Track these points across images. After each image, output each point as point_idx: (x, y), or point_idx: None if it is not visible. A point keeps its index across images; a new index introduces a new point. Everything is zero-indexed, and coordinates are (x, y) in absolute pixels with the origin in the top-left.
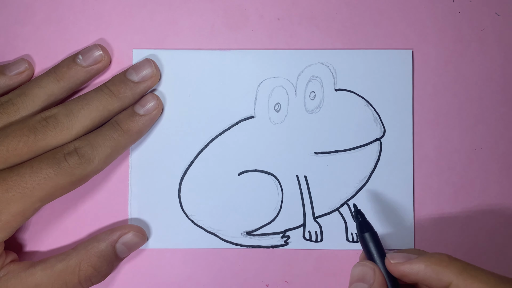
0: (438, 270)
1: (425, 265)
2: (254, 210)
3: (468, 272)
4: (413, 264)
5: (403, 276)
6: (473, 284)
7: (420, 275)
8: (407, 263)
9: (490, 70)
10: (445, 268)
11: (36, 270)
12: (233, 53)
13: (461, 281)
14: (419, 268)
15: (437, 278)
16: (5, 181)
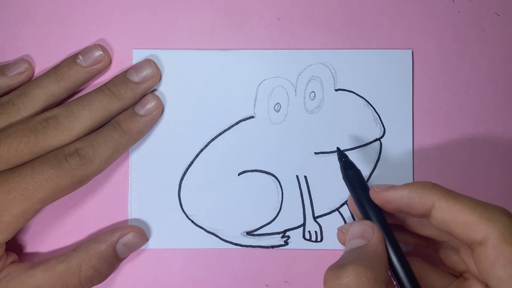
0: (422, 193)
1: (409, 190)
2: (254, 210)
3: (451, 195)
4: (397, 190)
5: (387, 202)
6: (454, 205)
7: (404, 200)
8: (391, 189)
9: (490, 70)
10: (428, 192)
11: (37, 271)
12: (233, 53)
13: (443, 202)
14: (403, 193)
15: (420, 202)
16: (6, 182)
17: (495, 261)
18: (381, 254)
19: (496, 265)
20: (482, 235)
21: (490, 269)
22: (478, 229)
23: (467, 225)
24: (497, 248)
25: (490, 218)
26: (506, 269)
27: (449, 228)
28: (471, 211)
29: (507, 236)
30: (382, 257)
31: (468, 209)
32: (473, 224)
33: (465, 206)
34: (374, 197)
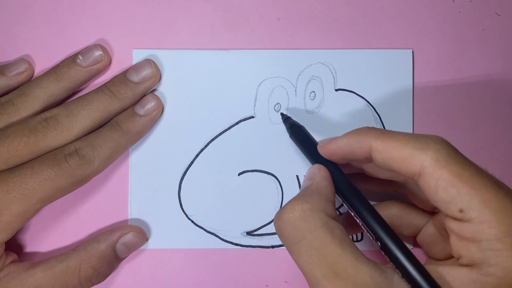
0: (359, 139)
1: (347, 138)
2: (254, 210)
3: (385, 135)
4: (338, 140)
5: (333, 154)
6: (389, 144)
7: (345, 149)
8: (333, 141)
9: (490, 70)
10: (365, 136)
11: (36, 271)
12: (233, 53)
13: (379, 143)
14: (343, 142)
15: (359, 147)
16: (5, 182)
17: (436, 187)
18: (322, 188)
19: (438, 191)
20: (418, 166)
21: (435, 196)
22: (413, 161)
23: (403, 160)
24: (433, 174)
25: (421, 148)
26: (447, 192)
27: (391, 167)
28: (404, 145)
29: (441, 160)
30: (323, 191)
31: (401, 144)
32: (408, 157)
33: (399, 142)
34: (321, 151)
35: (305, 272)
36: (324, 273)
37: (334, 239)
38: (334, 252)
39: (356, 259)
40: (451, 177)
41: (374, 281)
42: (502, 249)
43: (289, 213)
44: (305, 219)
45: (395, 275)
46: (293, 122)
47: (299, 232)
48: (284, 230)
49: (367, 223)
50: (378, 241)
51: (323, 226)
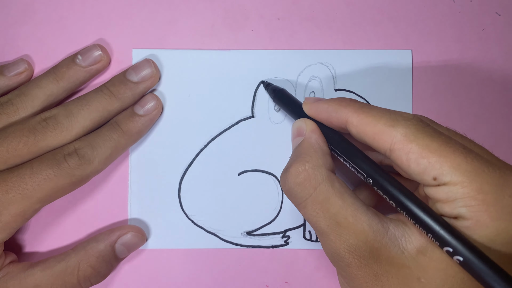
0: (338, 109)
1: (327, 105)
2: (254, 210)
3: (362, 109)
4: (320, 104)
5: (315, 116)
6: (363, 119)
7: (324, 113)
8: (316, 101)
9: (490, 70)
10: (343, 107)
11: (35, 270)
12: (233, 53)
13: (354, 117)
14: (323, 107)
15: (336, 116)
16: (5, 182)
17: (407, 161)
18: (315, 143)
19: (410, 164)
20: (389, 142)
21: (408, 169)
22: (385, 137)
23: (376, 136)
24: (404, 149)
25: (392, 124)
26: (418, 163)
27: (364, 141)
28: (377, 122)
29: (410, 135)
30: (316, 146)
31: (374, 120)
32: (380, 133)
33: (372, 118)
34: (305, 109)
35: (312, 224)
36: (328, 223)
37: (335, 192)
38: (335, 203)
39: (355, 209)
40: (420, 150)
41: (372, 229)
42: (475, 205)
43: (294, 177)
44: (309, 178)
45: (390, 224)
46: (275, 87)
47: (304, 190)
48: (292, 191)
49: (357, 163)
50: (370, 178)
51: (324, 181)
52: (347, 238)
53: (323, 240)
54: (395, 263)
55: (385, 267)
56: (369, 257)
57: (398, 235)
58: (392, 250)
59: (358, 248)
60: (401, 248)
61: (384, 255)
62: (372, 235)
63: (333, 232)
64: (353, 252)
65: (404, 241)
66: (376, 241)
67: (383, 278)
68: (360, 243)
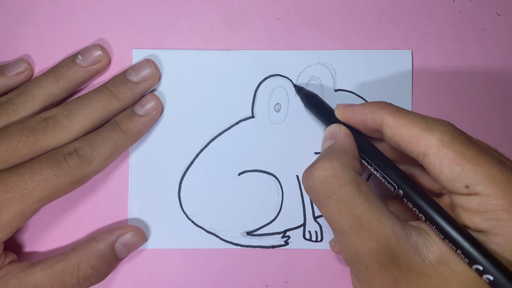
0: (374, 111)
1: (363, 107)
2: (254, 210)
3: (399, 112)
4: (354, 107)
5: (348, 120)
6: (400, 121)
7: (358, 117)
8: (349, 107)
9: (490, 70)
10: (380, 109)
11: (35, 270)
12: (233, 53)
13: (391, 119)
14: (358, 110)
15: (372, 118)
16: (4, 181)
17: (441, 166)
18: (347, 146)
19: (443, 170)
20: (424, 146)
21: (440, 176)
22: (420, 140)
23: (410, 139)
24: (438, 154)
25: (429, 129)
26: (452, 170)
27: (398, 144)
28: (413, 125)
29: (446, 141)
30: (348, 148)
31: (411, 123)
32: (415, 137)
33: (409, 121)
34: (337, 114)
35: (333, 223)
36: (351, 224)
37: (361, 194)
38: (361, 205)
39: (380, 213)
40: (455, 156)
41: (395, 234)
42: (508, 219)
43: (320, 171)
44: (335, 175)
45: (413, 231)
46: (307, 92)
47: (329, 188)
48: (314, 186)
49: (388, 174)
50: (400, 190)
51: (351, 182)
52: (369, 241)
53: (343, 240)
54: (415, 271)
55: (405, 273)
56: (389, 262)
57: (420, 243)
58: (413, 257)
59: (379, 252)
60: (422, 256)
61: (405, 262)
62: (394, 240)
63: (355, 234)
64: (374, 256)
65: (426, 250)
66: (398, 246)
67: (401, 284)
68: (382, 247)
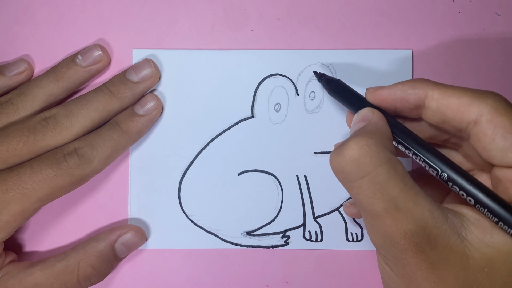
0: (415, 86)
1: (402, 84)
2: (254, 210)
3: (442, 85)
4: (391, 86)
5: (382, 101)
6: (446, 92)
7: (398, 94)
8: (385, 87)
9: (490, 70)
10: (421, 84)
11: (35, 270)
12: (233, 53)
13: (435, 91)
14: (397, 87)
15: (413, 92)
16: (4, 181)
17: (493, 134)
18: (381, 127)
19: (496, 138)
20: (476, 113)
21: (491, 144)
22: (471, 108)
23: (460, 107)
24: (492, 121)
25: (481, 97)
26: (506, 139)
27: (444, 115)
28: (462, 94)
29: (500, 108)
30: (382, 129)
31: (459, 93)
32: (465, 105)
33: (457, 91)
34: (370, 97)
35: (365, 206)
36: (386, 206)
37: (397, 175)
38: (397, 186)
39: (416, 194)
40: (510, 124)
41: (432, 215)
42: None
43: (353, 149)
44: (370, 155)
45: (449, 212)
46: (329, 78)
47: (363, 167)
48: (346, 165)
49: (429, 158)
50: (444, 173)
51: (387, 162)
52: (405, 223)
53: (375, 223)
54: (454, 252)
55: (443, 255)
56: (426, 244)
57: (458, 224)
58: (452, 238)
59: (416, 234)
60: (461, 237)
61: (443, 243)
62: (432, 221)
63: (390, 216)
64: (410, 238)
65: (464, 231)
66: (436, 227)
67: (439, 266)
68: (419, 229)
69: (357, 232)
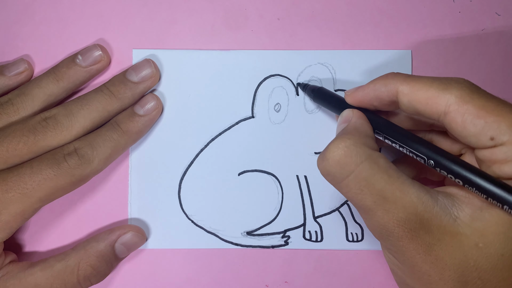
0: (386, 83)
1: (374, 83)
2: (254, 210)
3: (411, 78)
4: (364, 87)
5: (360, 102)
6: (414, 86)
7: (372, 93)
8: (359, 88)
9: (490, 70)
10: (391, 79)
11: (35, 270)
12: (233, 53)
13: (405, 85)
14: (369, 87)
15: (386, 90)
16: (5, 181)
17: (463, 122)
18: (359, 126)
19: (466, 125)
20: (443, 105)
21: (463, 132)
22: (438, 100)
23: (428, 101)
24: (459, 110)
25: (445, 88)
26: (475, 124)
27: (416, 109)
28: (429, 87)
29: (465, 96)
30: (361, 128)
31: (426, 86)
32: (433, 98)
33: (423, 84)
34: (349, 100)
35: (356, 202)
36: (374, 200)
37: (379, 168)
38: (381, 179)
39: (402, 183)
40: (476, 110)
41: (421, 200)
42: None
43: (333, 152)
44: (350, 154)
45: (439, 195)
46: (312, 87)
47: (345, 167)
48: (330, 168)
49: (415, 148)
50: (430, 160)
51: (367, 158)
52: (395, 212)
53: (369, 217)
54: (448, 232)
55: (438, 236)
56: (420, 229)
57: (448, 204)
58: (444, 219)
59: (408, 221)
60: (453, 216)
61: (435, 225)
62: (421, 206)
63: (380, 208)
64: (403, 225)
65: (455, 210)
66: (426, 211)
67: (436, 247)
68: (410, 216)
69: (357, 232)
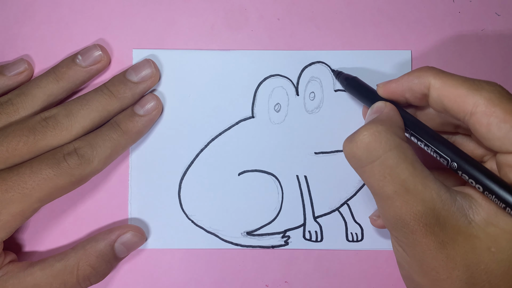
0: (419, 75)
1: (408, 75)
2: (254, 210)
3: (444, 74)
4: (398, 79)
5: (393, 93)
6: (446, 82)
7: (405, 85)
8: (392, 80)
9: (490, 70)
10: (425, 72)
11: (35, 270)
12: (233, 53)
13: (437, 80)
14: (403, 79)
15: (419, 82)
16: (4, 181)
17: (488, 125)
18: (393, 116)
19: (491, 128)
20: (471, 105)
21: (488, 134)
22: (467, 99)
23: (457, 98)
24: (486, 112)
25: (476, 88)
26: (500, 128)
27: (444, 105)
28: (460, 85)
29: (494, 99)
30: (394, 118)
31: (458, 84)
32: (462, 96)
33: (456, 81)
34: (381, 91)
35: (376, 189)
36: (396, 189)
37: (406, 159)
38: (406, 170)
39: (425, 177)
40: (504, 114)
41: (440, 198)
42: None
43: (363, 135)
44: (380, 140)
45: (457, 195)
46: (346, 75)
47: (373, 152)
48: (357, 151)
49: (440, 148)
50: (453, 162)
51: (397, 147)
52: (414, 205)
53: (386, 205)
54: (462, 233)
55: (451, 235)
56: (435, 225)
57: (466, 206)
58: (460, 219)
59: (425, 215)
60: (469, 218)
61: (451, 224)
62: (440, 203)
63: (399, 198)
64: (419, 219)
65: (472, 212)
66: (444, 209)
67: (449, 246)
68: (428, 211)
69: (357, 232)
